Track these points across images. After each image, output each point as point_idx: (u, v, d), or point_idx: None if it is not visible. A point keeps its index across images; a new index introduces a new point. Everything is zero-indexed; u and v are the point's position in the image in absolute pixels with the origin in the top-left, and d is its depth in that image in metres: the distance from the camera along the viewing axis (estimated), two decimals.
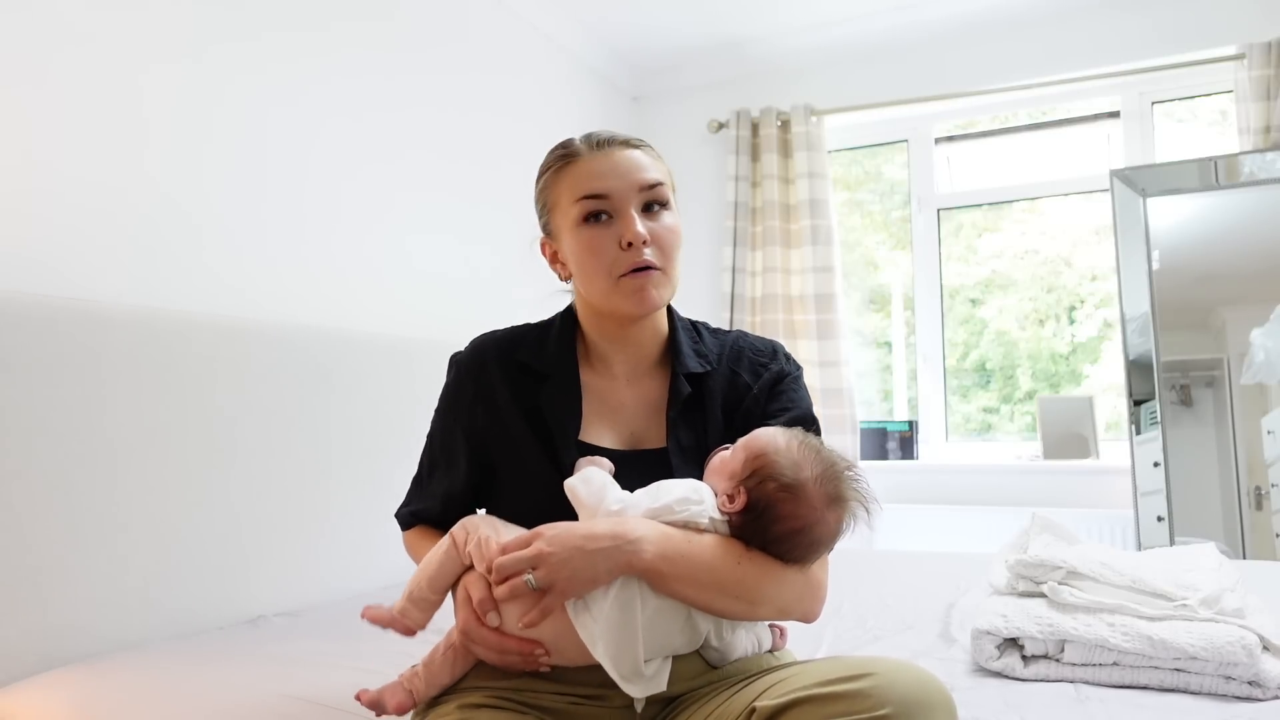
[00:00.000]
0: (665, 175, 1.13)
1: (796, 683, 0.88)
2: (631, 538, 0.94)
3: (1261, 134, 2.80)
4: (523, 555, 0.93)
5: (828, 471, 0.97)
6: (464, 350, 1.19)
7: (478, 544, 0.99)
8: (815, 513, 0.96)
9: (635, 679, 0.92)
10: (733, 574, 0.96)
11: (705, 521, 0.98)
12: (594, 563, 0.92)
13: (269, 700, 1.25)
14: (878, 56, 3.43)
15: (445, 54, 2.73)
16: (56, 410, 1.51)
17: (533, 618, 0.93)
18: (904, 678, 0.85)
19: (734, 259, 3.50)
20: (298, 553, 1.93)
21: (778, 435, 1.01)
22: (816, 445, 1.01)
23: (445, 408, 1.19)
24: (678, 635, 0.97)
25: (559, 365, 1.14)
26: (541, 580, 0.92)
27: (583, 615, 0.94)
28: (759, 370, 1.17)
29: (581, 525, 0.96)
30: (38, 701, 1.31)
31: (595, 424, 1.13)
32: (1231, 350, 2.84)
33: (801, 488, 0.96)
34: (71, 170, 1.70)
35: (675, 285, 1.12)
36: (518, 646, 0.95)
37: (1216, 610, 1.31)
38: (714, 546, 0.97)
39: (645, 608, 0.94)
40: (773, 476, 0.96)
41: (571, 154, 1.12)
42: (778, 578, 0.98)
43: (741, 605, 0.98)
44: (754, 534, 0.98)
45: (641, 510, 0.98)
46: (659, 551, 0.94)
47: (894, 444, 3.41)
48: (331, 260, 2.29)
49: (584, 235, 1.08)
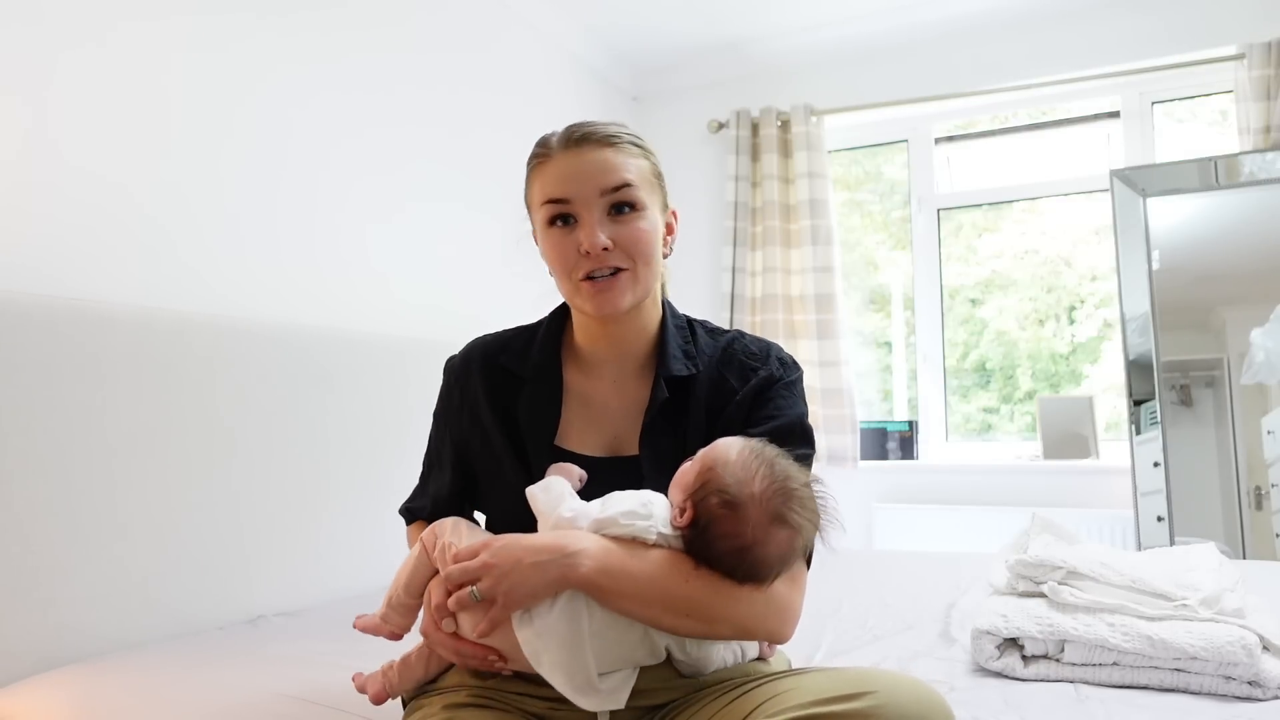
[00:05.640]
0: (640, 173, 1.08)
1: (793, 699, 0.85)
2: (570, 550, 0.91)
3: (1261, 134, 2.80)
4: (469, 566, 0.93)
5: (775, 488, 0.91)
6: (456, 356, 1.19)
7: (440, 550, 1.00)
8: (757, 531, 0.91)
9: (589, 692, 0.90)
10: (680, 591, 0.92)
11: (653, 536, 0.94)
12: (533, 576, 0.90)
13: (269, 700, 1.25)
14: (878, 56, 3.43)
15: (446, 56, 2.73)
16: (56, 410, 1.51)
17: (482, 629, 0.93)
18: (904, 695, 0.84)
19: (734, 259, 3.50)
20: (298, 553, 1.93)
21: (732, 447, 0.95)
22: (772, 459, 0.94)
23: (438, 413, 1.20)
24: (635, 648, 0.94)
25: (541, 369, 1.13)
26: (485, 592, 0.91)
27: (525, 629, 0.91)
28: (748, 374, 1.11)
29: (528, 536, 0.95)
30: (38, 701, 1.31)
31: (577, 428, 1.11)
32: (1231, 350, 2.84)
33: (742, 505, 0.91)
34: (71, 171, 1.70)
35: (648, 285, 1.09)
36: (473, 652, 0.95)
37: (1216, 610, 1.31)
38: (660, 562, 0.93)
39: (593, 620, 0.92)
40: (716, 491, 0.92)
41: (545, 153, 1.09)
42: (731, 596, 0.93)
43: (694, 623, 0.93)
44: (699, 550, 0.93)
45: (589, 522, 0.96)
46: (598, 565, 0.91)
47: (894, 444, 3.41)
48: (331, 261, 2.29)
49: (550, 238, 1.07)
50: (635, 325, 1.12)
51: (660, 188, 1.14)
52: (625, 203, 1.06)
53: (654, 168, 1.12)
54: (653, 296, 1.14)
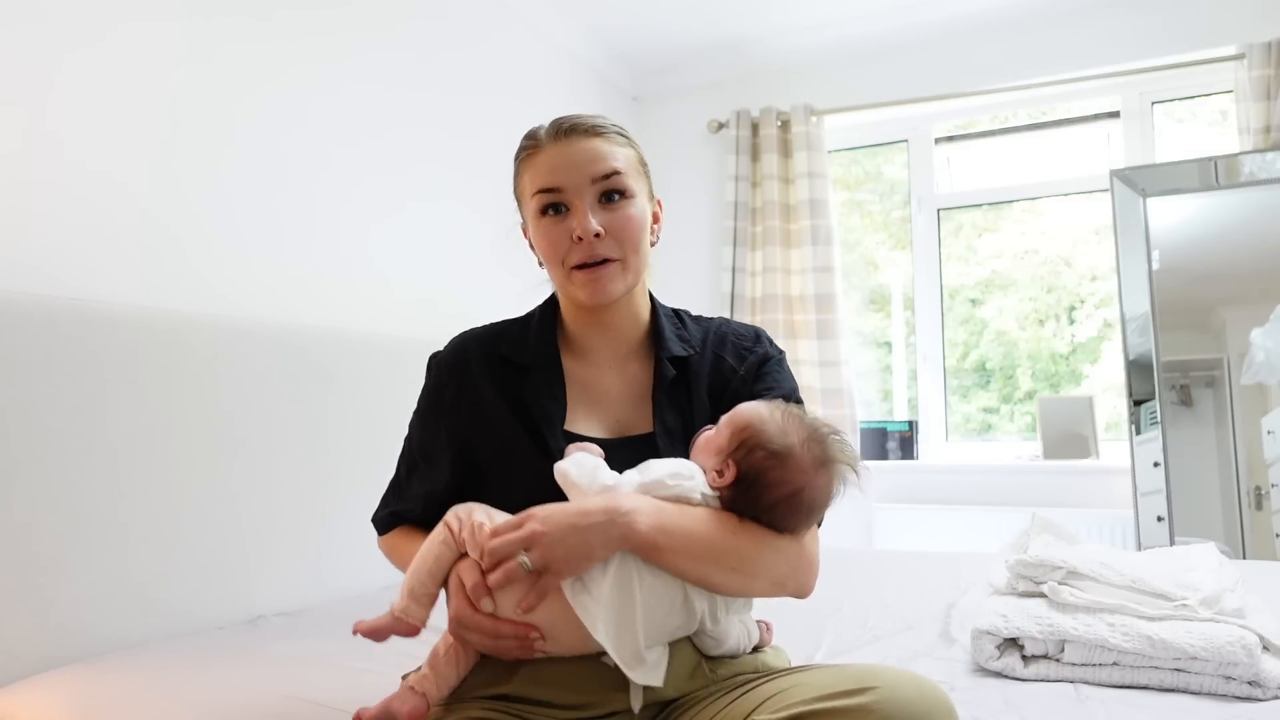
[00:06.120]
0: (628, 162, 1.11)
1: (797, 695, 0.86)
2: (624, 509, 0.92)
3: (1261, 134, 2.80)
4: (516, 537, 0.90)
5: (813, 435, 0.98)
6: (443, 350, 1.19)
7: (470, 529, 0.96)
8: (805, 476, 0.97)
9: (637, 664, 0.91)
10: (728, 544, 0.96)
11: (697, 496, 0.98)
12: (588, 539, 0.90)
13: (269, 700, 1.25)
14: (878, 56, 3.43)
15: (446, 56, 2.73)
16: (57, 410, 1.51)
17: (530, 600, 0.91)
18: (906, 690, 0.84)
19: (734, 259, 3.50)
20: (298, 553, 1.93)
21: (761, 407, 1.01)
22: (799, 413, 1.01)
23: (426, 409, 1.17)
24: (675, 615, 0.96)
25: (541, 356, 1.14)
26: (537, 561, 0.89)
27: (581, 596, 0.91)
28: (743, 354, 1.17)
29: (573, 504, 0.94)
30: (38, 701, 1.30)
31: (580, 413, 1.12)
32: (1231, 350, 2.84)
33: (789, 452, 0.96)
34: (72, 171, 1.70)
35: (638, 273, 1.12)
36: (513, 630, 0.92)
37: (1216, 610, 1.31)
38: (708, 518, 0.97)
39: (642, 586, 0.93)
40: (760, 445, 0.97)
41: (534, 145, 1.12)
42: (773, 547, 0.98)
43: (737, 577, 0.97)
44: (746, 505, 0.98)
45: (633, 487, 0.97)
46: (654, 523, 0.93)
47: (894, 444, 3.41)
48: (332, 260, 2.29)
49: (542, 227, 1.10)
50: (626, 311, 1.16)
51: (646, 176, 1.17)
52: (615, 190, 1.09)
53: (639, 156, 1.16)
54: (642, 283, 1.17)
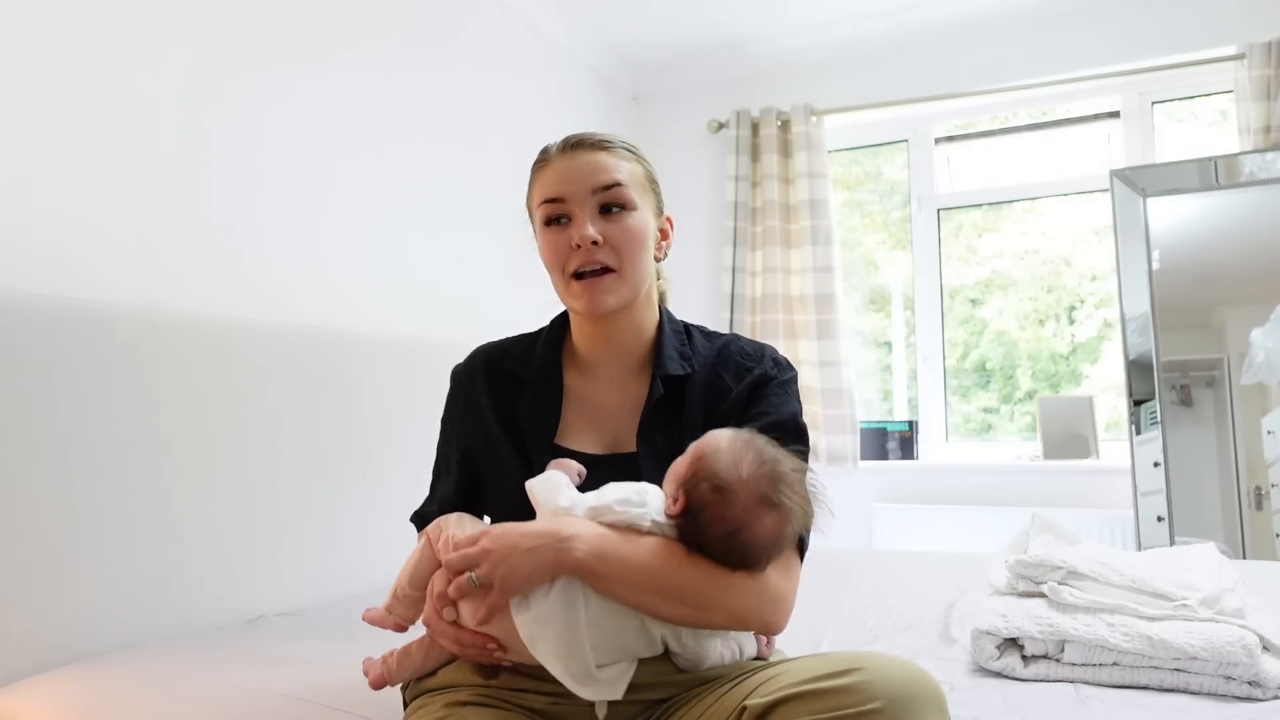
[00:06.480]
0: (632, 176, 1.13)
1: (786, 679, 0.87)
2: (564, 535, 0.93)
3: (1261, 134, 2.80)
4: (468, 553, 0.95)
5: (763, 472, 0.94)
6: (462, 363, 1.24)
7: (444, 541, 1.02)
8: (746, 514, 0.93)
9: (587, 681, 0.91)
10: (673, 577, 0.94)
11: (647, 524, 0.96)
12: (528, 560, 0.92)
13: (269, 700, 1.25)
14: (878, 56, 3.43)
15: (446, 55, 2.73)
16: (57, 410, 1.51)
17: (481, 616, 0.94)
18: (894, 672, 0.85)
19: (734, 259, 3.50)
20: (298, 553, 1.93)
21: (722, 436, 0.98)
22: (761, 446, 0.96)
23: (444, 418, 1.24)
24: (631, 639, 0.95)
25: (542, 370, 1.17)
26: (482, 577, 0.93)
27: (523, 614, 0.93)
28: (742, 373, 1.15)
29: (523, 525, 0.96)
30: (38, 701, 1.31)
31: (576, 428, 1.14)
32: (1231, 350, 2.84)
33: (731, 488, 0.93)
34: (72, 171, 1.70)
35: (635, 286, 1.12)
36: (473, 640, 0.96)
37: (1216, 610, 1.31)
38: (654, 549, 0.95)
39: (589, 608, 0.93)
40: (707, 477, 0.94)
41: (544, 159, 1.15)
42: (724, 583, 0.95)
43: (687, 610, 0.95)
44: (692, 537, 0.96)
45: (584, 510, 0.98)
46: (592, 550, 0.93)
47: (894, 444, 3.41)
48: (332, 260, 2.28)
49: (546, 237, 1.13)
50: (629, 326, 1.16)
51: (654, 193, 1.18)
52: (616, 202, 1.11)
53: (647, 173, 1.17)
54: (647, 298, 1.18)
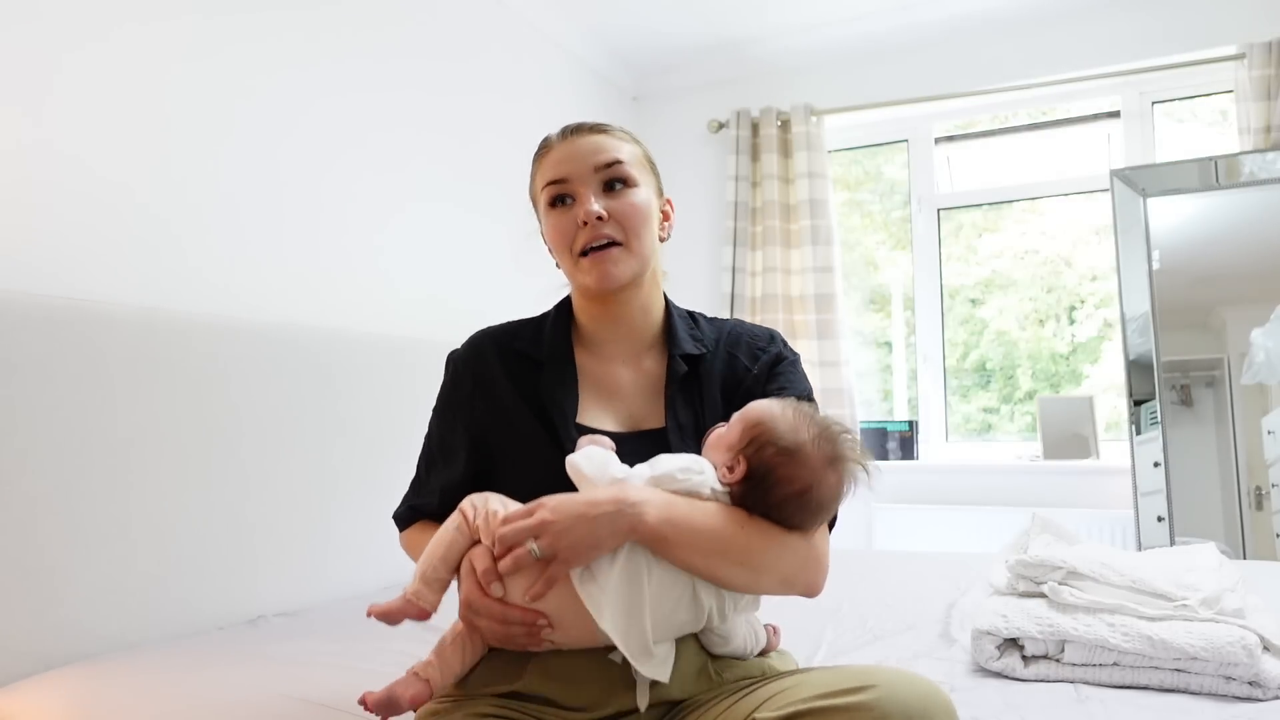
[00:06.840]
0: (631, 154, 1.15)
1: (797, 694, 0.87)
2: (633, 500, 0.93)
3: (1261, 134, 2.80)
4: (526, 524, 0.92)
5: (824, 433, 0.98)
6: (460, 347, 1.22)
7: (484, 517, 0.97)
8: (815, 473, 0.97)
9: (645, 656, 0.91)
10: (736, 539, 0.96)
11: (707, 491, 0.98)
12: (597, 529, 0.91)
13: (269, 700, 1.25)
14: (878, 56, 3.43)
15: (447, 56, 2.73)
16: (57, 410, 1.51)
17: (538, 589, 0.91)
18: (905, 689, 0.85)
19: (734, 259, 3.50)
20: (298, 553, 1.93)
21: (773, 404, 1.02)
22: (811, 411, 1.02)
23: (443, 406, 1.20)
24: (683, 610, 0.96)
25: (554, 351, 1.17)
26: (545, 549, 0.90)
27: (588, 585, 0.91)
28: (757, 354, 1.18)
29: (584, 494, 0.95)
30: (38, 701, 1.31)
31: (593, 407, 1.14)
32: (1231, 350, 2.84)
33: (800, 449, 0.96)
34: (72, 170, 1.70)
35: (643, 259, 1.14)
36: (521, 616, 0.92)
37: (1217, 610, 1.31)
38: (717, 512, 0.97)
39: (651, 579, 0.93)
40: (771, 441, 0.97)
41: (545, 147, 1.17)
42: (781, 543, 0.98)
43: (745, 573, 0.97)
44: (755, 501, 0.98)
45: (643, 480, 0.98)
46: (662, 516, 0.93)
47: (894, 444, 3.40)
48: (333, 260, 2.28)
49: (551, 219, 1.14)
50: (637, 305, 1.18)
51: (654, 174, 1.20)
52: (618, 178, 1.13)
53: (645, 155, 1.20)
54: (653, 279, 1.19)
